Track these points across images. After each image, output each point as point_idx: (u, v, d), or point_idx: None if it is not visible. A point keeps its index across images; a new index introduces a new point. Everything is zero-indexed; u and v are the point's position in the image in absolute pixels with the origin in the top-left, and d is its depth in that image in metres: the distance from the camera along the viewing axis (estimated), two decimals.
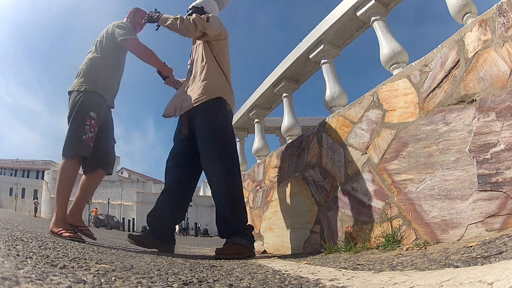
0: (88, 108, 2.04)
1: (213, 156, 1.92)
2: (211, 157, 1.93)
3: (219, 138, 1.94)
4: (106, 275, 0.76)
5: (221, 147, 1.93)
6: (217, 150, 1.92)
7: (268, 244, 2.53)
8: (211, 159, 1.93)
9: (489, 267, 0.69)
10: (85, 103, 2.03)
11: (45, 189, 33.12)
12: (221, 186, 1.89)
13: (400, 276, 0.80)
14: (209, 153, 1.93)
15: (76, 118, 2.02)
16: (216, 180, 1.91)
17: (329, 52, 2.27)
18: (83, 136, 1.99)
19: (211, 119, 1.96)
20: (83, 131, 1.99)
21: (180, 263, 1.31)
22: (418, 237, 1.35)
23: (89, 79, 2.09)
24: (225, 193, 1.88)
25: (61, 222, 1.91)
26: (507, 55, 1.15)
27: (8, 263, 0.71)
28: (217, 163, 1.91)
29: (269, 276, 0.98)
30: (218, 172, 1.90)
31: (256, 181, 2.90)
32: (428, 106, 1.41)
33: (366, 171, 1.67)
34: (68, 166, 1.99)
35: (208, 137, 1.94)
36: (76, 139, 1.98)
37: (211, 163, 1.93)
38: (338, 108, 2.09)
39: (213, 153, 1.92)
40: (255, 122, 3.23)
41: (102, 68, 2.16)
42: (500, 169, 1.11)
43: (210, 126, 1.96)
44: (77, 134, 1.99)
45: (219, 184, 1.90)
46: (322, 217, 1.95)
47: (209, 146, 1.93)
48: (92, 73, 2.12)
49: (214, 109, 1.98)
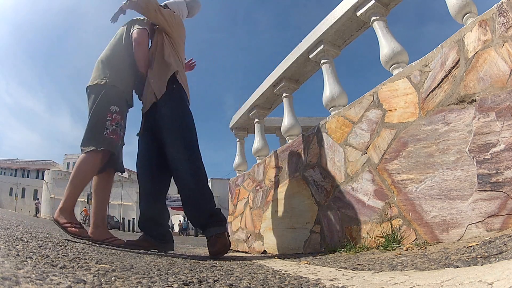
0: (110, 102, 1.99)
1: (177, 141, 1.93)
2: (174, 143, 1.94)
3: (180, 124, 1.97)
4: (106, 275, 0.76)
5: (184, 133, 1.96)
6: (181, 135, 1.94)
7: (268, 244, 2.53)
8: (174, 145, 1.93)
9: (489, 267, 0.69)
10: (106, 97, 1.98)
11: (45, 189, 33.15)
12: (188, 170, 1.89)
13: (400, 276, 0.80)
14: (173, 138, 1.94)
15: (97, 113, 1.97)
16: (182, 164, 1.91)
17: (329, 52, 2.27)
18: (103, 132, 1.94)
19: (172, 106, 2.00)
20: (104, 127, 1.94)
21: (180, 263, 1.31)
22: (418, 237, 1.35)
23: (109, 72, 2.04)
24: (193, 175, 1.88)
25: (67, 213, 1.85)
26: (507, 55, 1.15)
27: (8, 263, 0.71)
28: (181, 148, 1.92)
29: (269, 276, 0.98)
30: (183, 158, 1.91)
31: (256, 181, 2.90)
32: (428, 106, 1.41)
33: (366, 171, 1.67)
34: (86, 161, 1.93)
35: (170, 124, 1.97)
36: (96, 134, 1.93)
37: (175, 148, 1.93)
38: (338, 108, 2.09)
39: (177, 139, 1.93)
40: (255, 122, 3.23)
41: (123, 62, 2.11)
42: (500, 169, 1.11)
43: (171, 113, 1.98)
44: (96, 129, 1.94)
45: (185, 169, 1.90)
46: (322, 217, 1.95)
47: (172, 133, 1.95)
48: (112, 66, 2.07)
49: (173, 96, 2.01)
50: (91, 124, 1.97)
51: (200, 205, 1.86)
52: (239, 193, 3.25)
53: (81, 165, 1.92)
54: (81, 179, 1.91)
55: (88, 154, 1.92)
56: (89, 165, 1.93)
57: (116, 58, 2.11)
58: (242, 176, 3.25)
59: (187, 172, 1.89)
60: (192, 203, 1.89)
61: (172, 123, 1.96)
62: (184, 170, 1.90)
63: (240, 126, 3.68)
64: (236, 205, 3.29)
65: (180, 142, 1.93)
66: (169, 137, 1.95)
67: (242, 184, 3.21)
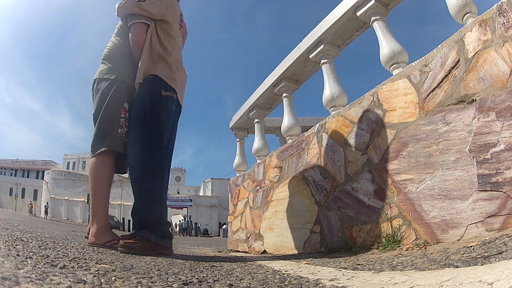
0: (123, 98, 1.82)
1: (135, 139, 1.76)
2: (132, 140, 1.77)
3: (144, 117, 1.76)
4: (106, 275, 0.76)
5: (144, 130, 1.75)
6: (141, 132, 1.75)
7: (268, 244, 2.53)
8: (132, 143, 1.77)
9: (489, 267, 0.69)
10: (118, 93, 1.81)
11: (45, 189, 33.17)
12: (137, 173, 1.73)
13: (400, 276, 0.80)
14: (132, 134, 1.78)
15: (109, 109, 1.78)
16: (133, 166, 1.75)
17: (329, 52, 2.27)
18: (118, 129, 1.77)
19: (140, 98, 1.82)
20: (118, 124, 1.77)
21: (180, 263, 1.31)
22: (418, 237, 1.35)
23: (117, 66, 1.88)
24: (139, 181, 1.72)
25: (105, 231, 1.70)
26: (507, 55, 1.15)
27: (8, 263, 0.71)
28: (137, 147, 1.75)
29: (269, 276, 0.98)
30: (136, 158, 1.74)
31: (256, 181, 2.90)
32: (428, 106, 1.41)
33: (366, 171, 1.67)
34: (101, 164, 1.75)
35: (134, 117, 1.81)
36: (109, 133, 1.76)
37: (131, 147, 1.77)
38: (338, 108, 2.09)
39: (135, 135, 1.76)
40: (255, 122, 3.23)
41: (127, 55, 1.93)
42: (500, 169, 1.11)
43: (138, 105, 1.81)
44: (109, 127, 1.76)
45: (135, 171, 1.74)
46: (322, 217, 1.95)
47: (133, 128, 1.79)
48: (119, 60, 1.91)
49: (146, 88, 1.82)
50: (104, 120, 1.78)
51: (139, 212, 1.69)
52: (239, 193, 3.25)
53: (95, 172, 1.75)
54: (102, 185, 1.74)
55: (99, 156, 1.76)
56: (103, 168, 1.76)
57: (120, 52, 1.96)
58: (242, 176, 3.25)
59: (136, 175, 1.73)
60: (135, 208, 1.71)
61: (137, 115, 1.79)
62: (134, 172, 1.74)
63: (240, 126, 3.68)
64: (236, 205, 3.29)
65: (139, 139, 1.75)
66: (132, 132, 1.78)
67: (242, 184, 3.20)
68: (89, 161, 1.85)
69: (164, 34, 1.93)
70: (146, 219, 1.67)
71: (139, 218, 1.69)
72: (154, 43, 1.89)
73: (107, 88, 1.83)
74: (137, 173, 1.73)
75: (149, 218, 1.67)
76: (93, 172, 1.75)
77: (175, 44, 2.00)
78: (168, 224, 1.79)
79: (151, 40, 1.89)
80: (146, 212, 1.68)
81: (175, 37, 2.01)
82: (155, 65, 1.85)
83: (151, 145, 1.75)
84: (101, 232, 1.68)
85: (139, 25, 1.88)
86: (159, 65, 1.86)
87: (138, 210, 1.70)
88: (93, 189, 1.74)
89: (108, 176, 1.79)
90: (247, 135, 3.77)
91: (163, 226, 1.70)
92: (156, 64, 1.85)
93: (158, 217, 1.70)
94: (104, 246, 1.63)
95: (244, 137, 3.76)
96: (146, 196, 1.70)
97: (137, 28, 1.88)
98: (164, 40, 1.92)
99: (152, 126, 1.76)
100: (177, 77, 1.93)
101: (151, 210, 1.69)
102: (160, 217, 1.71)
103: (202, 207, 32.32)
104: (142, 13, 1.87)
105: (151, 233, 1.62)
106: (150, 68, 1.83)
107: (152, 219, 1.67)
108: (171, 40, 1.97)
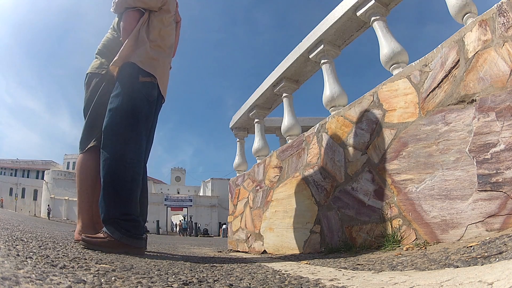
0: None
1: (108, 127, 1.65)
2: (105, 128, 1.65)
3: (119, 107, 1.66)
4: (106, 275, 0.76)
5: (118, 119, 1.64)
6: (114, 121, 1.64)
7: (268, 244, 2.53)
8: (105, 131, 1.65)
9: (489, 267, 0.69)
10: (107, 88, 1.79)
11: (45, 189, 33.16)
12: (105, 165, 1.60)
13: (400, 276, 0.80)
14: (106, 122, 1.66)
15: (98, 105, 1.77)
16: (103, 157, 1.62)
17: (329, 52, 2.27)
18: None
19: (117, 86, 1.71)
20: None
21: (180, 263, 1.31)
22: (418, 237, 1.35)
23: (109, 61, 1.83)
24: (106, 172, 1.59)
25: (87, 228, 1.68)
26: (507, 55, 1.15)
27: (8, 263, 0.71)
28: (108, 136, 1.63)
29: (269, 276, 0.98)
30: (106, 149, 1.62)
31: (256, 181, 2.90)
32: (428, 106, 1.41)
33: (366, 171, 1.67)
34: (88, 160, 1.73)
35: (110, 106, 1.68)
36: (97, 129, 1.73)
37: (104, 136, 1.65)
38: (338, 108, 2.09)
39: (109, 124, 1.65)
40: (255, 122, 3.23)
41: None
42: (500, 169, 1.11)
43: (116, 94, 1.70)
44: (98, 123, 1.73)
45: (104, 163, 1.61)
46: (322, 217, 1.95)
47: (108, 116, 1.67)
48: (111, 55, 1.84)
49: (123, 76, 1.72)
50: (93, 116, 1.77)
51: (103, 207, 1.55)
52: (239, 193, 3.25)
53: (80, 169, 1.72)
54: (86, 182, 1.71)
55: (85, 153, 1.74)
56: (87, 166, 1.73)
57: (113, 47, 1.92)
58: (242, 176, 3.25)
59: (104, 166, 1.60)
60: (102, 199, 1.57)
61: (114, 104, 1.67)
62: (102, 163, 1.62)
63: (240, 126, 3.68)
64: (236, 205, 3.29)
65: (114, 126, 1.64)
66: (107, 119, 1.66)
67: (242, 184, 3.20)
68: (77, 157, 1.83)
69: (158, 23, 1.86)
70: (109, 213, 1.52)
71: (102, 211, 1.54)
72: (141, 32, 1.81)
73: (97, 83, 1.85)
74: (108, 163, 1.59)
75: (112, 213, 1.52)
76: (79, 169, 1.74)
77: (167, 32, 1.92)
78: (138, 221, 1.60)
79: (140, 29, 1.82)
80: (110, 205, 1.54)
81: (167, 25, 1.93)
82: (136, 52, 1.76)
83: (125, 135, 1.63)
84: (85, 230, 1.67)
85: (132, 13, 1.83)
86: (139, 51, 1.77)
87: (102, 205, 1.55)
88: (78, 186, 1.74)
89: (95, 173, 1.73)
90: (247, 135, 3.77)
91: (128, 223, 1.53)
92: (137, 52, 1.75)
93: (124, 212, 1.54)
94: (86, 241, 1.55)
95: (244, 137, 3.76)
96: (114, 188, 1.56)
97: (129, 15, 1.83)
98: (156, 30, 1.85)
99: (128, 114, 1.65)
100: (158, 64, 1.81)
101: (116, 203, 1.54)
102: (126, 213, 1.55)
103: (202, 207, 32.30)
104: (140, 5, 1.82)
105: (115, 230, 1.49)
106: (130, 56, 1.74)
107: (116, 214, 1.52)
108: (163, 29, 1.89)
